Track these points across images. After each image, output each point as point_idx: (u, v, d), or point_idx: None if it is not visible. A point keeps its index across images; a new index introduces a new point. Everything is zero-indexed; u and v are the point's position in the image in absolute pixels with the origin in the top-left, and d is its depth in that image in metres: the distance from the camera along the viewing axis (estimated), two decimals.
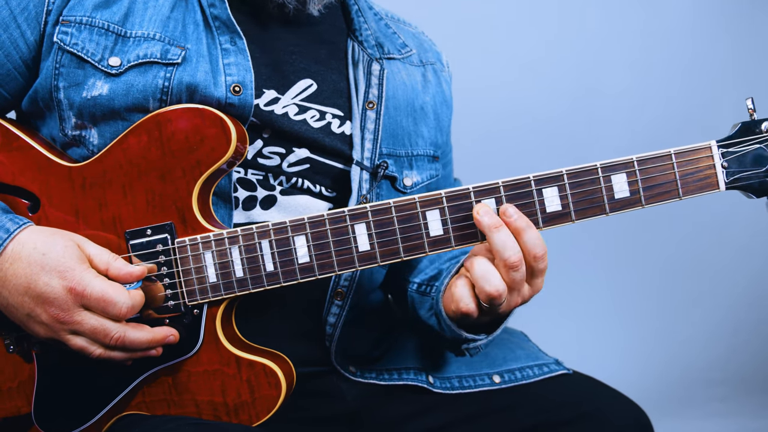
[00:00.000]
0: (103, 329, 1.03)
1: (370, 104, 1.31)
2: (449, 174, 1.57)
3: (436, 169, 1.44)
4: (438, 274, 1.34)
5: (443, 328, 1.21)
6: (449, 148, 1.55)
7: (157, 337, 1.09)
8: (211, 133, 1.10)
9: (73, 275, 1.02)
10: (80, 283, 1.02)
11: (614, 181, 1.06)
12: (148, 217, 1.12)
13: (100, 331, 1.03)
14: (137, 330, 1.07)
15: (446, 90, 1.50)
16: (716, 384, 3.15)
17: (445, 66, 1.53)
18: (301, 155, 1.25)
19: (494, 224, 1.04)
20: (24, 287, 1.03)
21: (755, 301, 3.29)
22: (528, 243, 1.04)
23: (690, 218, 3.14)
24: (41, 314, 1.03)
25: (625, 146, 1.29)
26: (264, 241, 1.11)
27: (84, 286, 1.02)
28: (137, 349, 1.08)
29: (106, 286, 1.03)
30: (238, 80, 1.18)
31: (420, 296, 1.35)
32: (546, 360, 1.40)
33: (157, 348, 1.10)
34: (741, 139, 1.05)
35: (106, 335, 1.04)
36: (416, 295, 1.36)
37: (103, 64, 1.15)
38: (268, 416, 1.11)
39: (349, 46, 1.37)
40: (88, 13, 1.17)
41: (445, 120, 1.47)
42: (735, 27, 3.22)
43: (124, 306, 1.03)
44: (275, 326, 1.25)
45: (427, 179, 1.40)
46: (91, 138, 1.18)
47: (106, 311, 1.03)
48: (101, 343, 1.05)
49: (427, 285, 1.35)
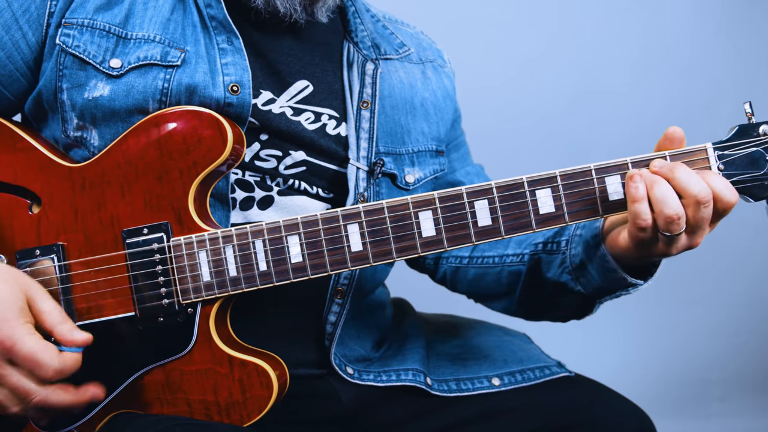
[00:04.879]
0: (24, 390, 0.99)
1: (364, 104, 1.31)
2: (464, 156, 1.55)
3: (441, 163, 1.44)
4: (557, 233, 1.30)
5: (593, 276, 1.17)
6: (458, 134, 1.55)
7: (83, 399, 1.05)
8: (208, 134, 1.11)
9: (6, 327, 0.98)
10: (11, 338, 0.98)
11: (608, 182, 1.05)
12: (145, 217, 1.13)
13: (21, 391, 0.99)
14: (61, 392, 1.03)
15: (448, 85, 1.50)
16: (716, 384, 3.13)
17: (446, 62, 1.54)
18: (297, 158, 1.26)
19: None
20: None
21: (755, 301, 3.27)
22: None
23: None
24: None
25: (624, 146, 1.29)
26: (257, 240, 1.11)
27: (13, 342, 0.98)
28: (58, 411, 1.04)
29: (37, 346, 0.99)
30: (235, 80, 1.19)
31: (548, 255, 1.30)
32: (548, 362, 1.38)
33: (97, 390, 1.07)
34: (737, 141, 1.04)
35: (26, 395, 1.00)
36: (544, 255, 1.30)
37: (104, 66, 1.17)
38: (259, 416, 1.11)
39: (345, 47, 1.37)
40: (90, 16, 1.19)
41: (448, 113, 1.46)
42: (735, 27, 3.21)
43: (51, 369, 0.99)
44: (274, 326, 1.26)
45: (430, 174, 1.41)
46: (91, 139, 1.19)
47: (33, 371, 0.99)
48: (21, 402, 1.01)
49: (552, 243, 1.30)
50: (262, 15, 1.26)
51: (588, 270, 1.19)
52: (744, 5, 3.22)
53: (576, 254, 1.22)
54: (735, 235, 3.16)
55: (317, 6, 1.28)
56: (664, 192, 1.00)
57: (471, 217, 1.08)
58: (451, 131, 1.51)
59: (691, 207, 1.00)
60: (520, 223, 1.07)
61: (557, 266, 1.27)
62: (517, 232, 1.08)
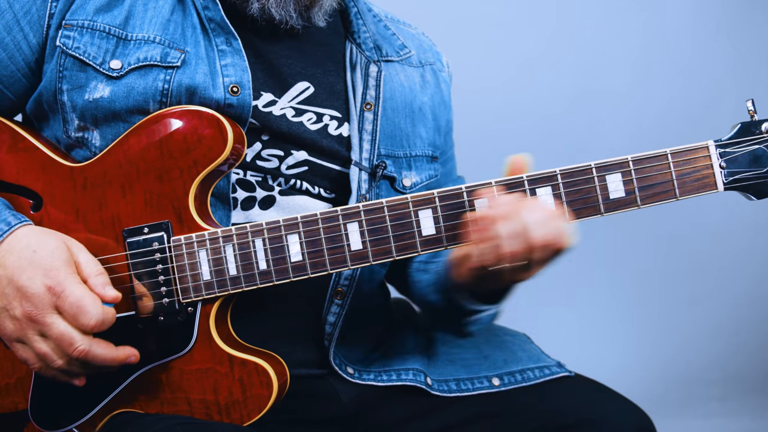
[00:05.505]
0: (69, 338, 1.03)
1: (367, 106, 1.31)
2: (450, 171, 1.56)
3: (435, 169, 1.43)
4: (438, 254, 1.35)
5: (447, 300, 1.20)
6: (448, 147, 1.55)
7: (119, 357, 1.08)
8: (208, 133, 1.11)
9: (56, 275, 1.03)
10: (61, 284, 1.02)
11: (609, 180, 1.05)
12: (146, 216, 1.13)
13: (66, 339, 1.03)
14: (102, 346, 1.06)
15: (444, 90, 1.49)
16: (716, 384, 3.13)
17: (444, 66, 1.53)
18: (299, 158, 1.26)
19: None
20: (8, 279, 1.04)
21: (755, 301, 3.27)
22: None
23: (690, 219, 3.12)
24: (16, 308, 1.03)
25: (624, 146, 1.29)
26: (257, 239, 1.11)
27: (63, 288, 1.02)
28: (96, 366, 1.07)
29: (84, 294, 1.03)
30: (235, 81, 1.19)
31: (421, 274, 1.36)
32: (548, 362, 1.38)
33: (131, 353, 1.09)
34: (740, 139, 1.04)
35: (71, 344, 1.03)
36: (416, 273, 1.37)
37: (105, 67, 1.17)
38: (259, 416, 1.11)
39: (347, 48, 1.37)
40: (90, 17, 1.19)
41: (442, 120, 1.46)
42: (735, 27, 3.21)
43: (94, 318, 1.03)
44: (274, 326, 1.26)
45: (426, 179, 1.40)
46: (93, 140, 1.19)
47: (77, 319, 1.02)
48: (64, 353, 1.04)
49: (429, 261, 1.36)
50: (258, 22, 1.26)
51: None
52: (744, 5, 3.23)
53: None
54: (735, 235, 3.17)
55: (313, 11, 1.28)
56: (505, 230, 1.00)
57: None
58: (444, 142, 1.50)
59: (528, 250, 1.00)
60: None
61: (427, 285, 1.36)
62: None
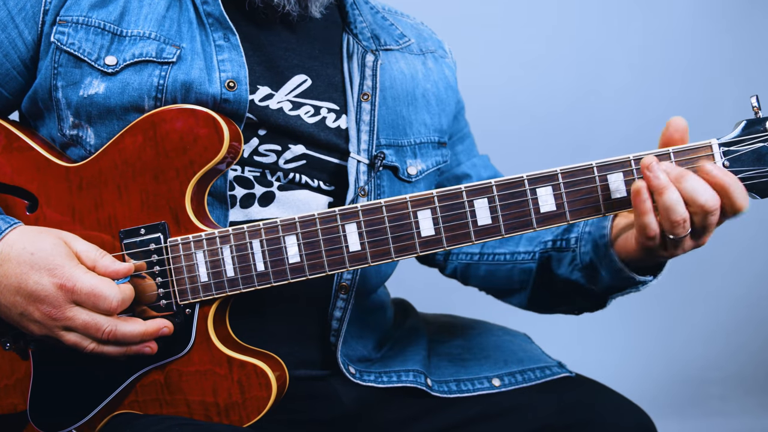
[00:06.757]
0: (94, 324, 1.04)
1: (364, 96, 1.30)
2: (469, 148, 1.56)
3: (443, 155, 1.43)
4: (566, 230, 1.31)
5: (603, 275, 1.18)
6: (462, 125, 1.55)
7: (150, 330, 1.09)
8: (204, 133, 1.10)
9: (62, 272, 1.03)
10: (70, 279, 1.02)
11: (610, 180, 1.03)
12: (142, 217, 1.12)
13: (91, 326, 1.04)
14: (129, 323, 1.07)
15: (449, 75, 1.49)
16: (716, 384, 3.13)
17: (447, 53, 1.53)
18: (297, 152, 1.25)
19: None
20: (15, 287, 1.04)
21: (755, 301, 3.28)
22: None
23: None
24: (34, 312, 1.04)
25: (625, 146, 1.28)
26: (255, 240, 1.10)
27: (74, 282, 1.02)
28: (130, 343, 1.08)
29: (95, 281, 1.04)
30: (232, 76, 1.18)
31: (558, 253, 1.31)
32: (548, 362, 1.37)
33: (152, 343, 1.10)
34: (744, 137, 1.02)
35: (98, 329, 1.04)
36: (554, 253, 1.32)
37: (100, 63, 1.16)
38: (258, 417, 1.10)
39: (344, 39, 1.36)
40: (85, 13, 1.18)
41: (450, 103, 1.46)
42: (735, 27, 3.20)
43: (114, 300, 1.04)
44: (275, 326, 1.25)
45: (433, 166, 1.40)
46: (87, 138, 1.18)
47: (97, 306, 1.03)
48: (94, 338, 1.05)
49: (561, 240, 1.31)
50: (255, 4, 1.25)
51: (597, 269, 1.20)
52: (744, 5, 3.22)
53: (586, 252, 1.22)
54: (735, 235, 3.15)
55: (311, 0, 1.28)
56: (672, 200, 0.99)
57: (470, 216, 1.06)
58: (455, 123, 1.50)
59: (698, 215, 1.00)
60: (520, 222, 1.06)
61: (567, 264, 1.27)
62: (517, 231, 1.06)
